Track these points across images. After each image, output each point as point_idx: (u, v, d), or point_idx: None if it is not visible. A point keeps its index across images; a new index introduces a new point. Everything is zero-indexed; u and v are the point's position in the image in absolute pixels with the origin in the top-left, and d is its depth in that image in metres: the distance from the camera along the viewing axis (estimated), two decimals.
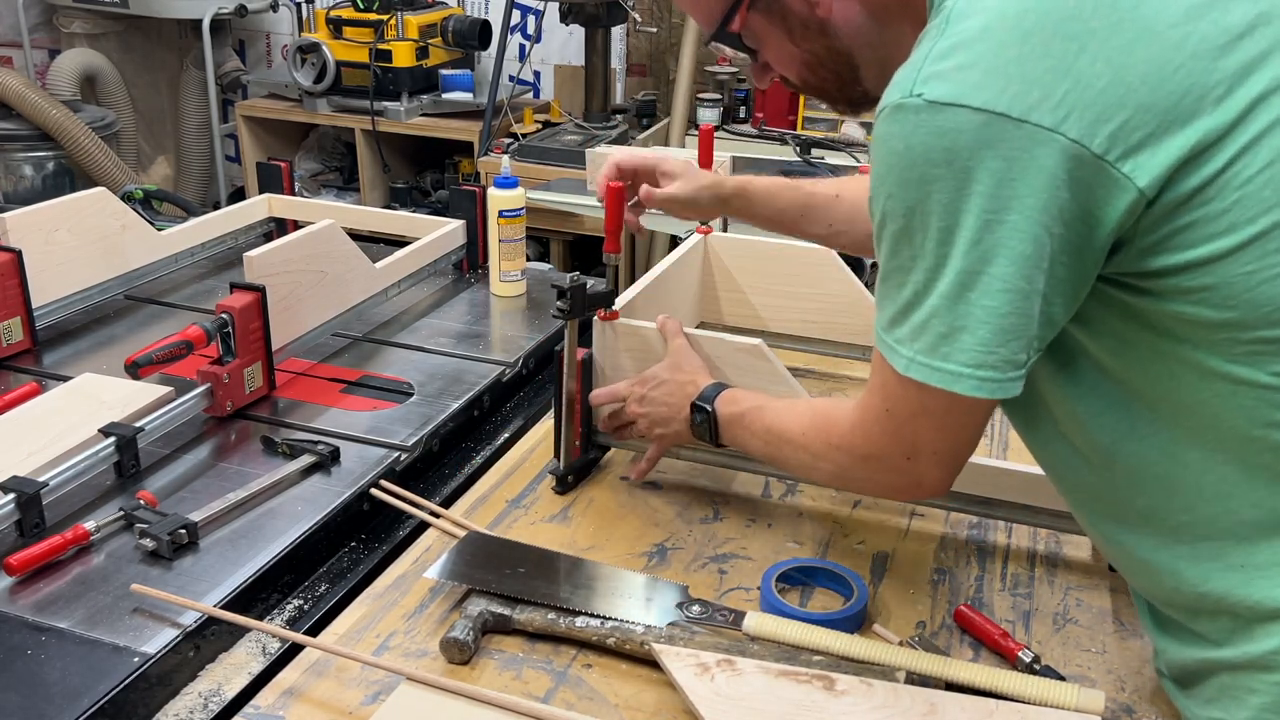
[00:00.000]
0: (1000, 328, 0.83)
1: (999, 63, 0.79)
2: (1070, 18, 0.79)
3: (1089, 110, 0.77)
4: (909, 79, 0.82)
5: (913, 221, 0.84)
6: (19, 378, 1.65)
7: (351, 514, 1.35)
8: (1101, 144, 0.78)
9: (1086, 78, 0.78)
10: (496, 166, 2.43)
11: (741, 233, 1.98)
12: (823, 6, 0.97)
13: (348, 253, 1.77)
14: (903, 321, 0.88)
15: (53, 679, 1.05)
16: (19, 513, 1.24)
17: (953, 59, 0.80)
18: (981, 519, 1.34)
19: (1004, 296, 0.82)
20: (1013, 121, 0.78)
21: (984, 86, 0.79)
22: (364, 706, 1.04)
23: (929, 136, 0.81)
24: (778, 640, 1.10)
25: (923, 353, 0.87)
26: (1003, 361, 0.84)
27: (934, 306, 0.85)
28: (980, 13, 0.81)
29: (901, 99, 0.82)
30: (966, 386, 0.86)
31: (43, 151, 4.03)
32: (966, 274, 0.83)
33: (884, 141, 0.84)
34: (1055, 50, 0.78)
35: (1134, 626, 1.17)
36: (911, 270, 0.86)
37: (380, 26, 3.89)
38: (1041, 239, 0.80)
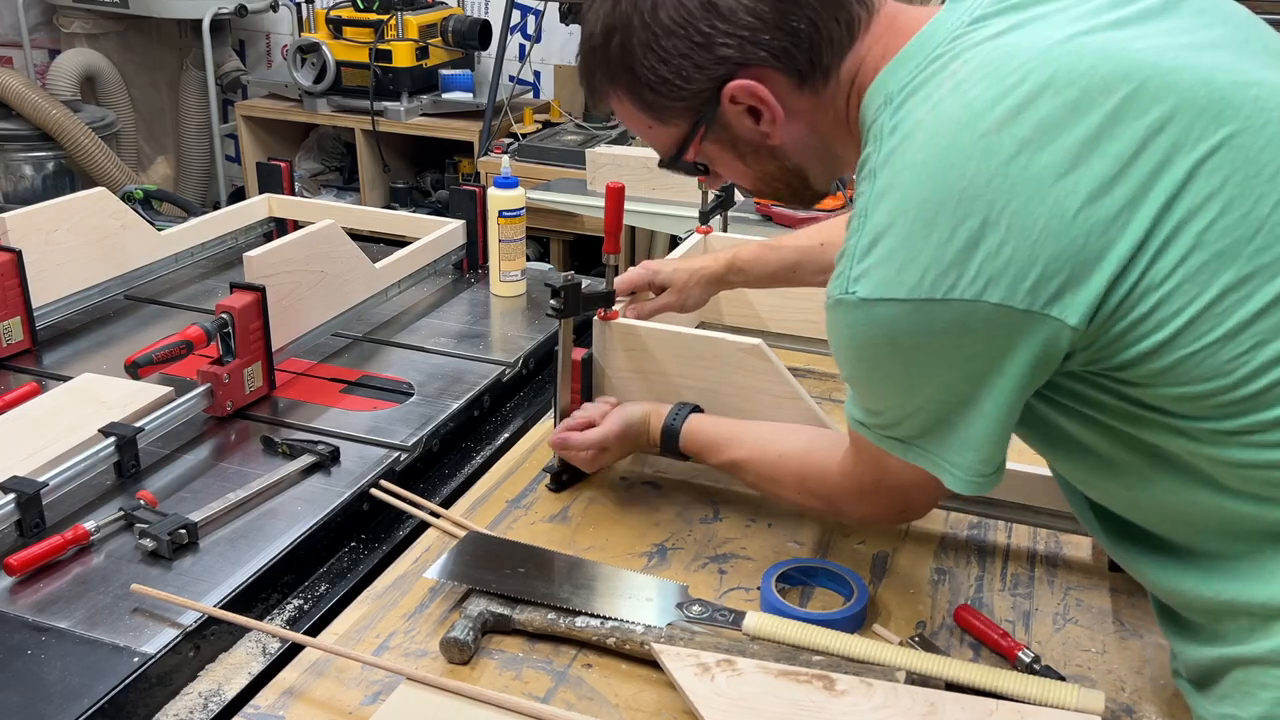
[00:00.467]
0: (980, 443, 0.91)
1: (911, 253, 0.85)
2: (967, 197, 0.83)
3: (1004, 275, 0.82)
4: (844, 276, 0.89)
5: (874, 386, 0.96)
6: (19, 378, 1.65)
7: (351, 514, 1.35)
8: (1025, 300, 0.83)
9: (995, 247, 0.82)
10: (496, 166, 2.43)
11: (742, 233, 1.98)
12: (773, 135, 1.02)
13: (348, 253, 1.77)
14: (886, 428, 0.97)
15: (53, 679, 1.05)
16: (19, 513, 1.24)
17: (872, 255, 0.87)
18: (981, 519, 1.34)
19: (986, 422, 0.90)
20: (938, 302, 0.84)
21: (904, 279, 0.85)
22: (364, 706, 1.04)
23: (869, 328, 0.89)
24: (778, 640, 1.10)
25: (923, 443, 0.95)
26: (983, 463, 0.93)
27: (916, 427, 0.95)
28: (885, 206, 0.87)
29: (840, 295, 0.90)
30: (950, 480, 0.95)
31: (43, 151, 4.03)
32: (940, 406, 0.91)
33: (834, 328, 0.94)
34: (960, 231, 0.83)
35: (1134, 626, 1.17)
36: (884, 410, 0.96)
37: (380, 26, 3.89)
38: (999, 382, 0.87)
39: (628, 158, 2.94)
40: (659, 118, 1.05)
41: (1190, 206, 0.81)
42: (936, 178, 0.84)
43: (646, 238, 3.72)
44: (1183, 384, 0.84)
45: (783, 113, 0.99)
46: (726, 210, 1.89)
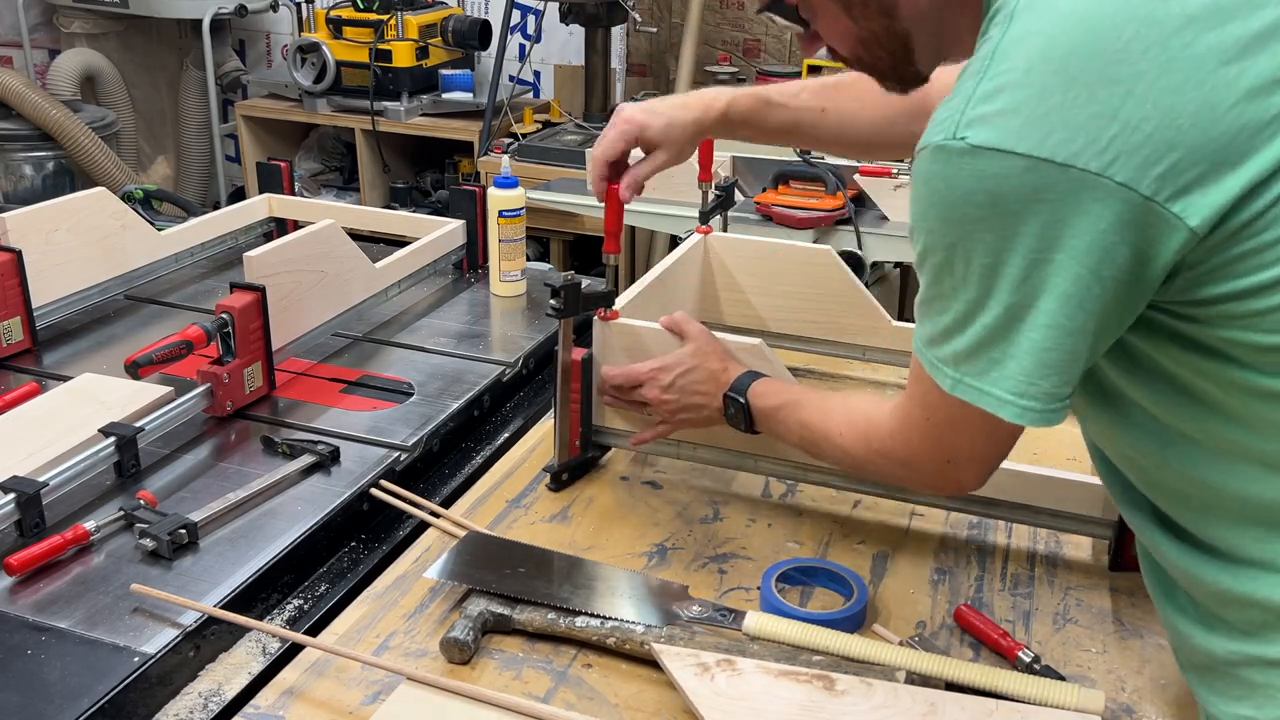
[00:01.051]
0: (1043, 361, 0.83)
1: (1043, 109, 0.78)
2: (1117, 60, 0.77)
3: (1137, 154, 0.76)
4: (952, 120, 0.81)
5: (954, 257, 0.84)
6: (19, 378, 1.65)
7: (351, 514, 1.35)
8: (1150, 186, 0.76)
9: (1134, 121, 0.76)
10: (496, 166, 2.43)
11: (742, 233, 1.98)
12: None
13: (348, 253, 1.77)
14: (945, 343, 0.89)
15: (53, 679, 1.05)
16: (19, 513, 1.24)
17: (996, 102, 0.79)
18: (981, 519, 1.34)
19: (1048, 332, 0.82)
20: (1058, 167, 0.77)
21: (1027, 133, 0.78)
22: (364, 706, 1.04)
23: (972, 180, 0.80)
24: (778, 640, 1.10)
25: (970, 375, 0.87)
26: (1044, 394, 0.85)
27: (978, 336, 0.86)
28: (1024, 52, 0.80)
29: (944, 140, 0.81)
30: (1010, 413, 0.86)
31: (43, 151, 4.03)
32: (1012, 308, 0.83)
33: (926, 180, 0.84)
34: (1101, 96, 0.77)
35: (1134, 626, 1.17)
36: (953, 300, 0.86)
37: (380, 26, 3.89)
38: (1088, 281, 0.80)
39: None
40: None
41: None
42: (1090, 33, 0.77)
43: (646, 238, 3.72)
44: (1273, 332, 0.79)
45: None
46: (726, 210, 1.89)
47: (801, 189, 2.74)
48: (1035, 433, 1.32)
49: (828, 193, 2.70)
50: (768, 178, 2.80)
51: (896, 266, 3.14)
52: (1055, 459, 1.47)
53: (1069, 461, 1.48)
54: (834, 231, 2.68)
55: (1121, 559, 1.25)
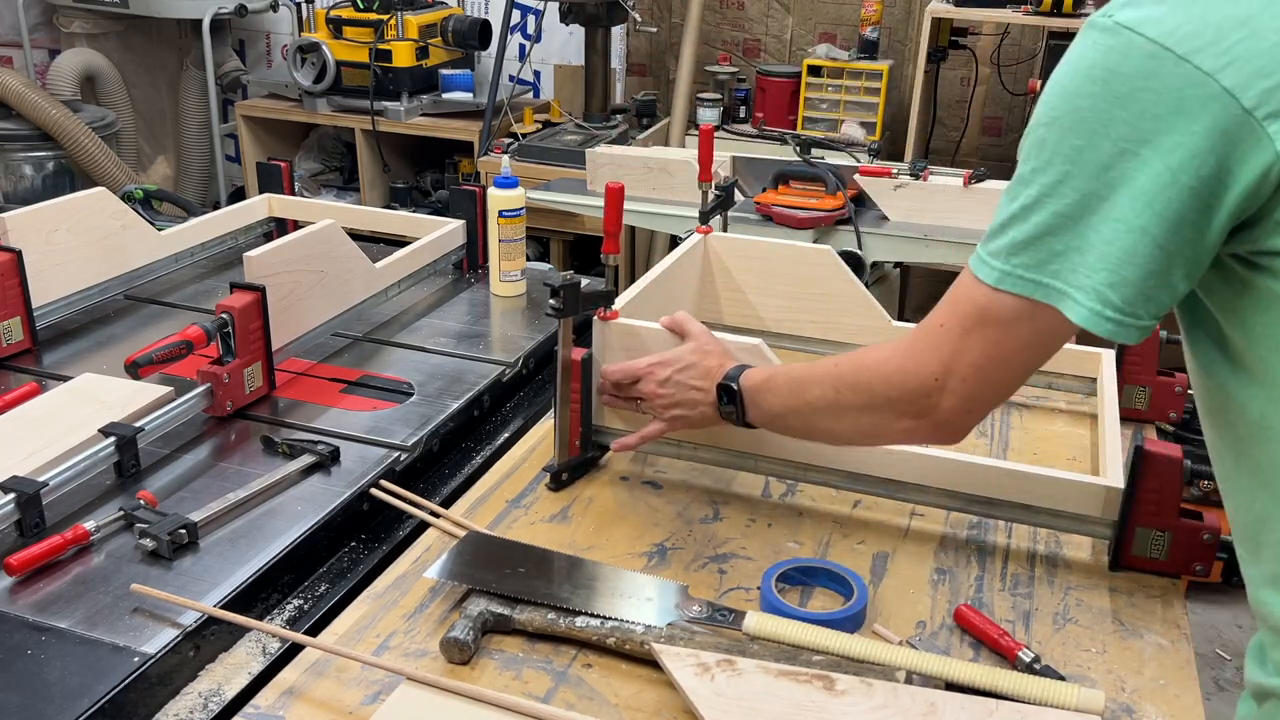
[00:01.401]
0: (1107, 257, 0.82)
1: (1185, 3, 0.79)
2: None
3: (1251, 62, 0.77)
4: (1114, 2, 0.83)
5: (1051, 131, 0.84)
6: (19, 378, 1.65)
7: (351, 514, 1.35)
8: (1253, 98, 0.77)
9: (1262, 31, 0.77)
10: (496, 166, 2.43)
11: (741, 233, 1.98)
12: None
13: (348, 253, 1.77)
14: (1003, 233, 0.87)
15: (53, 679, 1.05)
16: (19, 513, 1.24)
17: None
18: (981, 519, 1.34)
19: (1119, 228, 0.81)
20: (1175, 58, 0.78)
21: (1164, 19, 0.79)
22: (364, 706, 1.04)
23: (1099, 54, 0.82)
24: (778, 640, 1.10)
25: (1022, 266, 0.86)
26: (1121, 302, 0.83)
27: (1044, 222, 0.85)
28: None
29: (1096, 18, 0.83)
30: (1071, 308, 0.84)
31: (43, 151, 4.03)
32: (1089, 197, 0.83)
33: (1067, 55, 0.86)
34: (1241, 2, 0.78)
35: (1134, 626, 1.17)
36: (1031, 182, 0.85)
37: (380, 26, 3.89)
38: (1165, 181, 0.80)
39: (627, 158, 2.94)
40: None
41: None
42: None
43: (646, 238, 3.72)
44: None
45: None
46: (726, 210, 1.89)
47: (801, 189, 2.74)
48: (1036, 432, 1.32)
49: (828, 193, 2.70)
50: (768, 178, 2.80)
51: (896, 266, 3.15)
52: (1055, 459, 1.48)
53: (1069, 461, 1.48)
54: (834, 231, 2.69)
55: (1121, 559, 1.25)
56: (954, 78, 4.12)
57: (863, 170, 2.73)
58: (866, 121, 3.80)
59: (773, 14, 4.30)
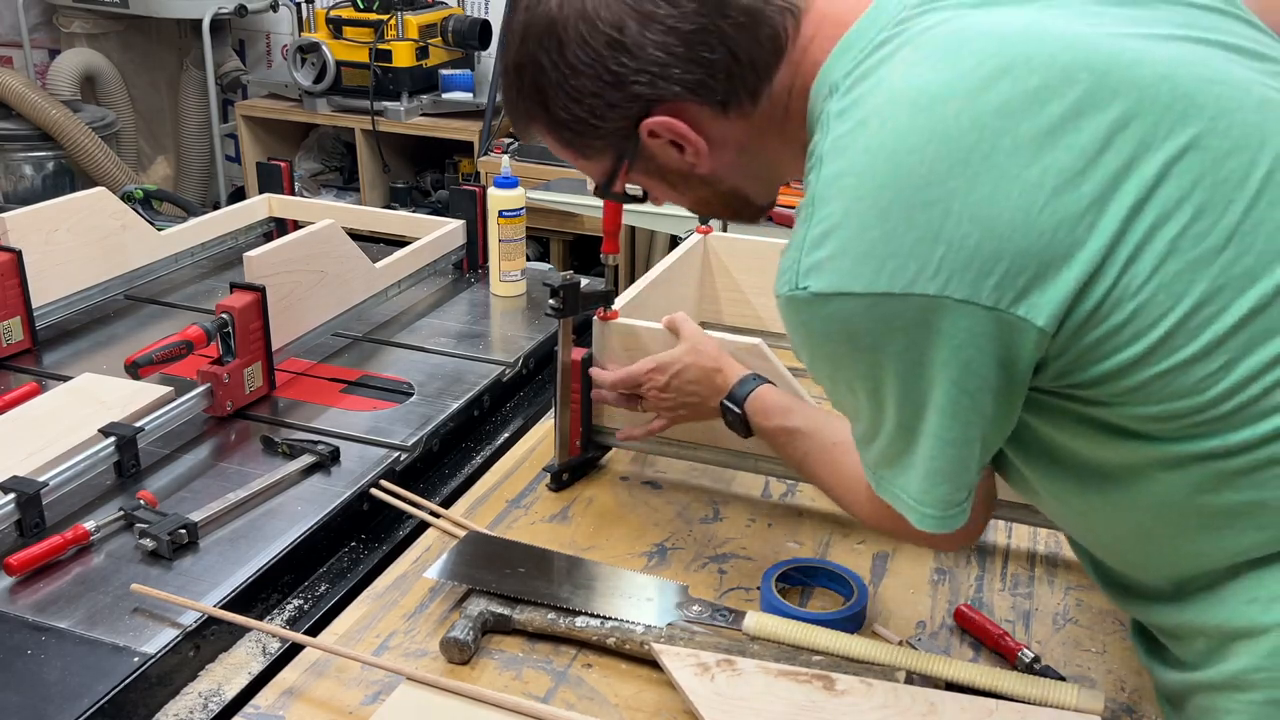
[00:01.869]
0: (932, 470, 0.87)
1: (867, 245, 0.79)
2: (925, 184, 0.78)
3: (968, 269, 0.77)
4: (791, 270, 0.83)
5: (839, 387, 0.89)
6: (19, 378, 1.65)
7: (351, 514, 1.35)
8: (990, 297, 0.77)
9: (957, 238, 0.77)
10: (496, 166, 2.43)
11: (742, 233, 1.98)
12: (700, 165, 0.97)
13: (348, 253, 1.77)
14: (864, 449, 0.93)
15: (53, 679, 1.05)
16: (19, 513, 1.24)
17: (824, 248, 0.81)
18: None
19: (934, 443, 0.85)
20: (898, 297, 0.78)
21: (860, 271, 0.79)
22: (364, 706, 1.04)
23: (825, 324, 0.83)
24: (778, 640, 1.10)
25: (886, 479, 0.92)
26: (938, 501, 0.88)
27: (886, 445, 0.89)
28: (837, 194, 0.81)
29: (790, 292, 0.83)
30: (914, 518, 0.90)
31: (43, 151, 4.03)
32: (904, 422, 0.86)
33: (789, 324, 0.87)
34: (919, 220, 0.78)
35: None
36: (857, 418, 0.91)
37: (380, 26, 3.89)
38: (955, 395, 0.82)
39: None
40: (582, 153, 1.00)
41: (1162, 210, 0.77)
42: (893, 163, 0.79)
43: (646, 238, 3.72)
44: (1154, 403, 0.80)
45: (705, 144, 0.94)
46: None
47: (801, 189, 2.73)
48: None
49: None
50: None
51: None
52: None
53: None
54: None
55: None
56: None
57: None
58: None
59: None
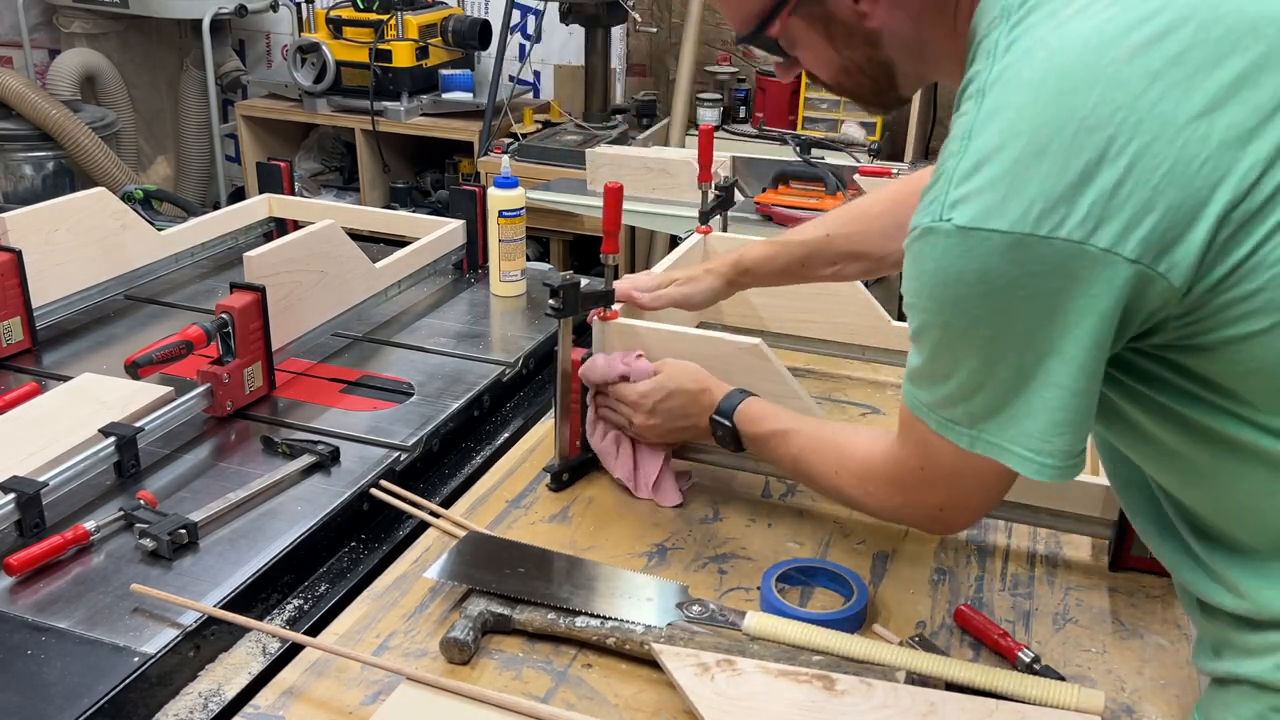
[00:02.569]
0: (1055, 420, 0.84)
1: (1019, 182, 0.77)
2: (1087, 127, 0.76)
3: (1117, 218, 0.76)
4: (938, 202, 0.81)
5: (950, 336, 0.85)
6: (19, 378, 1.65)
7: (351, 514, 1.35)
8: (1134, 250, 0.76)
9: (1110, 186, 0.76)
10: (496, 166, 2.43)
11: (741, 233, 1.98)
12: (872, 17, 0.94)
13: (348, 253, 1.77)
14: (954, 406, 0.89)
15: (53, 679, 1.05)
16: (19, 513, 1.24)
17: (975, 180, 0.80)
18: (981, 518, 1.34)
19: (1058, 393, 0.83)
20: (1041, 240, 0.77)
21: (1008, 209, 0.78)
22: (364, 706, 1.04)
23: (961, 260, 0.80)
24: (778, 640, 1.10)
25: (988, 432, 0.87)
26: (1060, 451, 0.85)
27: (992, 398, 0.86)
28: (996, 127, 0.80)
29: (932, 223, 0.81)
30: (1030, 469, 0.86)
31: (43, 151, 4.03)
32: (1021, 371, 0.83)
33: (917, 261, 0.84)
34: (1074, 164, 0.76)
35: (1134, 626, 1.17)
36: (956, 370, 0.87)
37: (380, 26, 3.89)
38: (1087, 345, 0.80)
39: (627, 158, 2.94)
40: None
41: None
42: (1056, 101, 0.77)
43: (646, 238, 3.72)
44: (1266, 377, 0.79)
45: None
46: (726, 210, 1.89)
47: (801, 189, 2.74)
48: None
49: (828, 193, 2.70)
50: (768, 178, 2.80)
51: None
52: None
53: None
54: None
55: (1121, 559, 1.25)
56: None
57: (863, 170, 2.73)
58: (866, 122, 3.80)
59: None
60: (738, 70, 4.11)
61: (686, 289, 1.47)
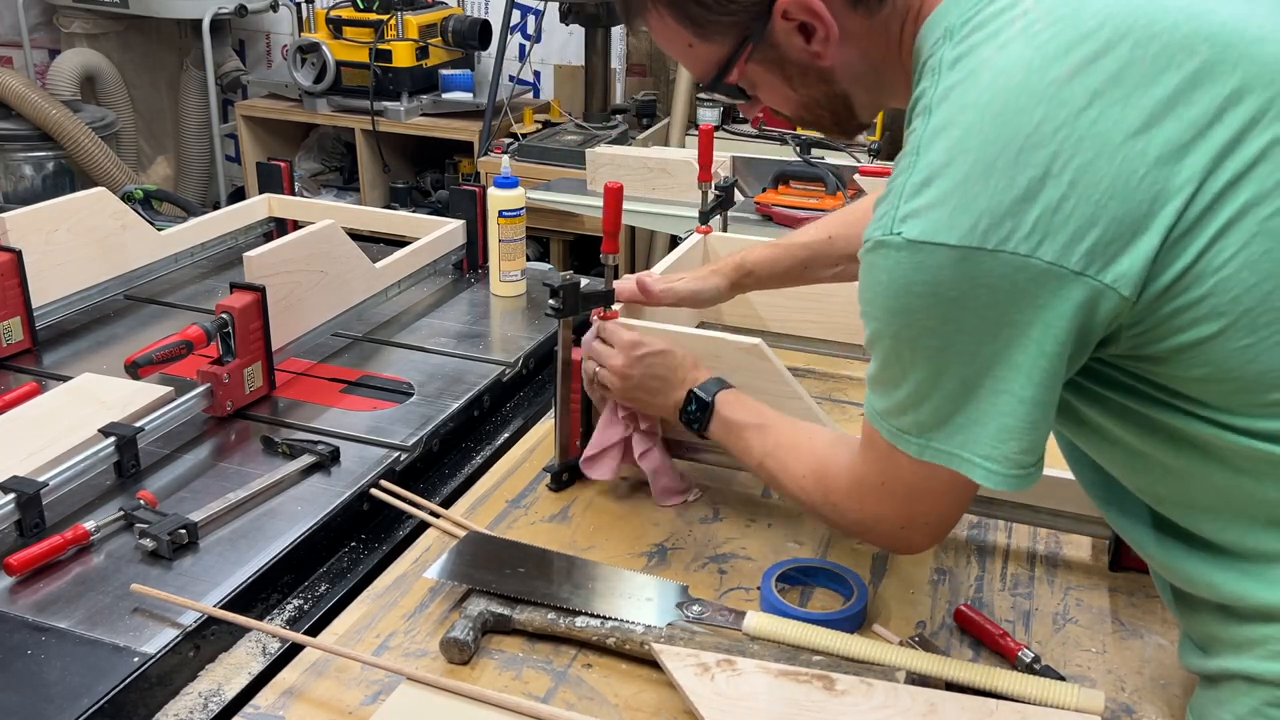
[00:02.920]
0: (1004, 427, 0.86)
1: (966, 198, 0.80)
2: (1031, 145, 0.79)
3: (1061, 233, 0.79)
4: (889, 215, 0.84)
5: (902, 344, 0.88)
6: (19, 378, 1.65)
7: (351, 514, 1.35)
8: (1079, 262, 0.79)
9: (1054, 201, 0.79)
10: (496, 166, 2.43)
11: (741, 233, 1.98)
12: (825, 56, 0.97)
13: (348, 253, 1.77)
14: (904, 414, 0.91)
15: (53, 679, 1.05)
16: (19, 513, 1.24)
17: (924, 196, 0.82)
18: (981, 519, 1.34)
19: (1010, 401, 0.85)
20: (989, 253, 0.80)
21: (956, 224, 0.80)
22: (364, 706, 1.04)
23: (912, 272, 0.83)
24: (778, 640, 1.10)
25: (937, 440, 0.89)
26: (1009, 458, 0.87)
27: (939, 407, 0.88)
28: (944, 144, 0.82)
29: (883, 236, 0.84)
30: (979, 475, 0.88)
31: (43, 151, 4.03)
32: (968, 381, 0.85)
33: (870, 272, 0.87)
34: (1020, 180, 0.79)
35: (1134, 626, 1.17)
36: (906, 378, 0.89)
37: (380, 26, 3.89)
38: (1034, 354, 0.83)
39: (627, 158, 2.94)
40: (703, 34, 0.99)
41: (1259, 190, 0.78)
42: (1001, 120, 0.80)
43: (646, 238, 3.72)
44: (1221, 380, 0.82)
45: (838, 30, 0.94)
46: (726, 210, 1.89)
47: (801, 189, 2.74)
48: None
49: (828, 193, 2.70)
50: (768, 178, 2.80)
51: None
52: (1055, 459, 1.47)
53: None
54: None
55: (1121, 559, 1.25)
56: None
57: (863, 170, 2.73)
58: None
59: None
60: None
61: (695, 285, 1.47)
